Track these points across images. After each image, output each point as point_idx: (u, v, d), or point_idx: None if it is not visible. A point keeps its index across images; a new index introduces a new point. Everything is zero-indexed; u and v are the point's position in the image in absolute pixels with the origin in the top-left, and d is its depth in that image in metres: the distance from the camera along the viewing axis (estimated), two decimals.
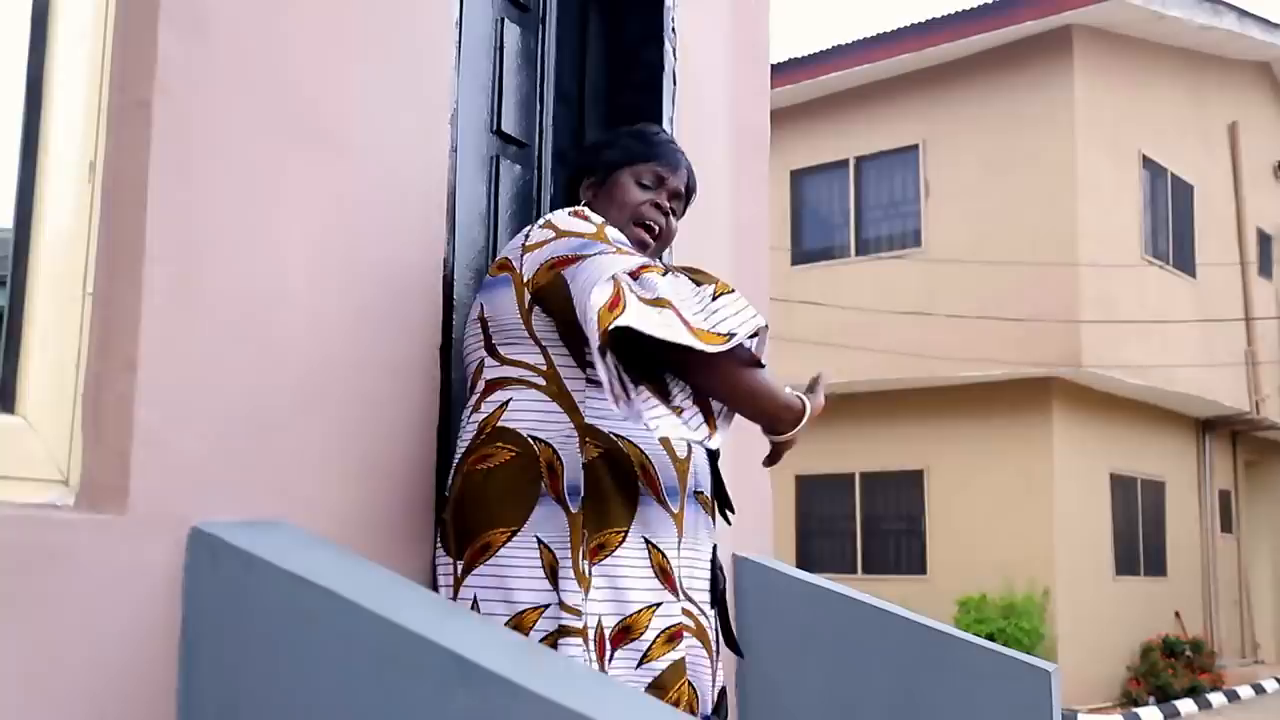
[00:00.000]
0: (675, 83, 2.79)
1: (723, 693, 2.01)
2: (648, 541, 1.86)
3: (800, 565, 11.72)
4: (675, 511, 1.89)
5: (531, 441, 1.84)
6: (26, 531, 1.37)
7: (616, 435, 1.85)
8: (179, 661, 1.51)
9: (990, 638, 9.96)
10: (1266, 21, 13.57)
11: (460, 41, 2.22)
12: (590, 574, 1.80)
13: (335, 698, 1.43)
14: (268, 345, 1.67)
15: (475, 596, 1.80)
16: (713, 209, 3.05)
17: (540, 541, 1.80)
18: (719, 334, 1.74)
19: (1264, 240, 14.98)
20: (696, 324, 1.73)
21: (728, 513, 2.10)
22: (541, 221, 1.95)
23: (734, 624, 2.06)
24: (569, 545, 1.79)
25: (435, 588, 1.87)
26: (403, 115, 1.98)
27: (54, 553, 1.39)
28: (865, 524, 12.65)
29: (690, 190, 2.21)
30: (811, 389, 1.93)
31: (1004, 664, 2.58)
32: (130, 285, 1.50)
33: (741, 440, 2.87)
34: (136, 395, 1.48)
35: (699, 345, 1.71)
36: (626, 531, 1.84)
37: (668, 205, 2.13)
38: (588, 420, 1.84)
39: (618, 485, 1.84)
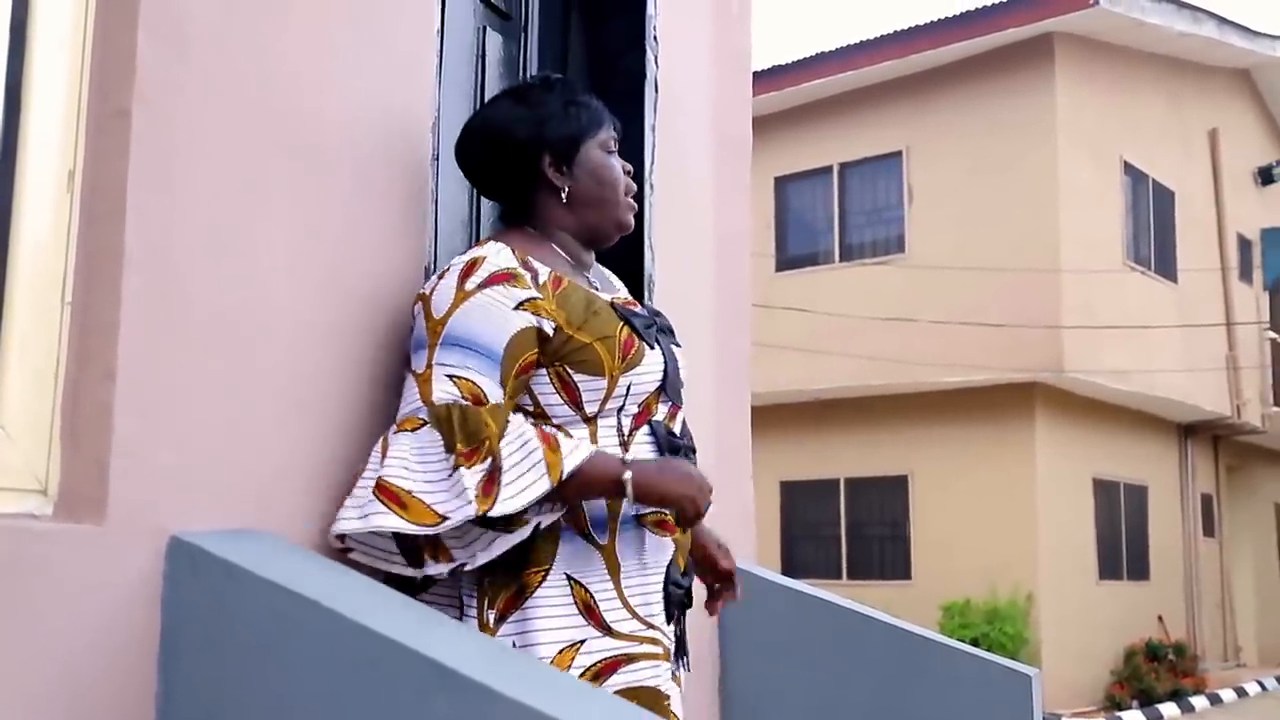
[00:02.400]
0: (657, 90, 2.79)
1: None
2: (569, 578, 1.78)
3: (785, 571, 11.75)
4: (602, 544, 1.81)
5: None
6: (4, 542, 1.36)
7: None
8: (158, 671, 1.50)
9: (974, 643, 10.00)
10: (1245, 29, 13.68)
11: (442, 49, 2.22)
12: (495, 626, 1.75)
13: (315, 705, 1.43)
14: (248, 354, 1.67)
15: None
16: (695, 217, 3.06)
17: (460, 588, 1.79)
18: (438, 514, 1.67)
19: (1244, 245, 15.08)
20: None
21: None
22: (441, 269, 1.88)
23: (686, 636, 1.99)
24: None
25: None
26: (384, 123, 1.98)
27: (32, 563, 1.38)
28: (850, 529, 12.68)
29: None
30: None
31: (985, 668, 2.59)
32: (109, 294, 1.50)
33: (725, 448, 2.88)
34: (115, 404, 1.47)
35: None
36: (548, 570, 1.77)
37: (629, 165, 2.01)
38: None
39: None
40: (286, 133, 1.77)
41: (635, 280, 2.57)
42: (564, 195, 1.95)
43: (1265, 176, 15.70)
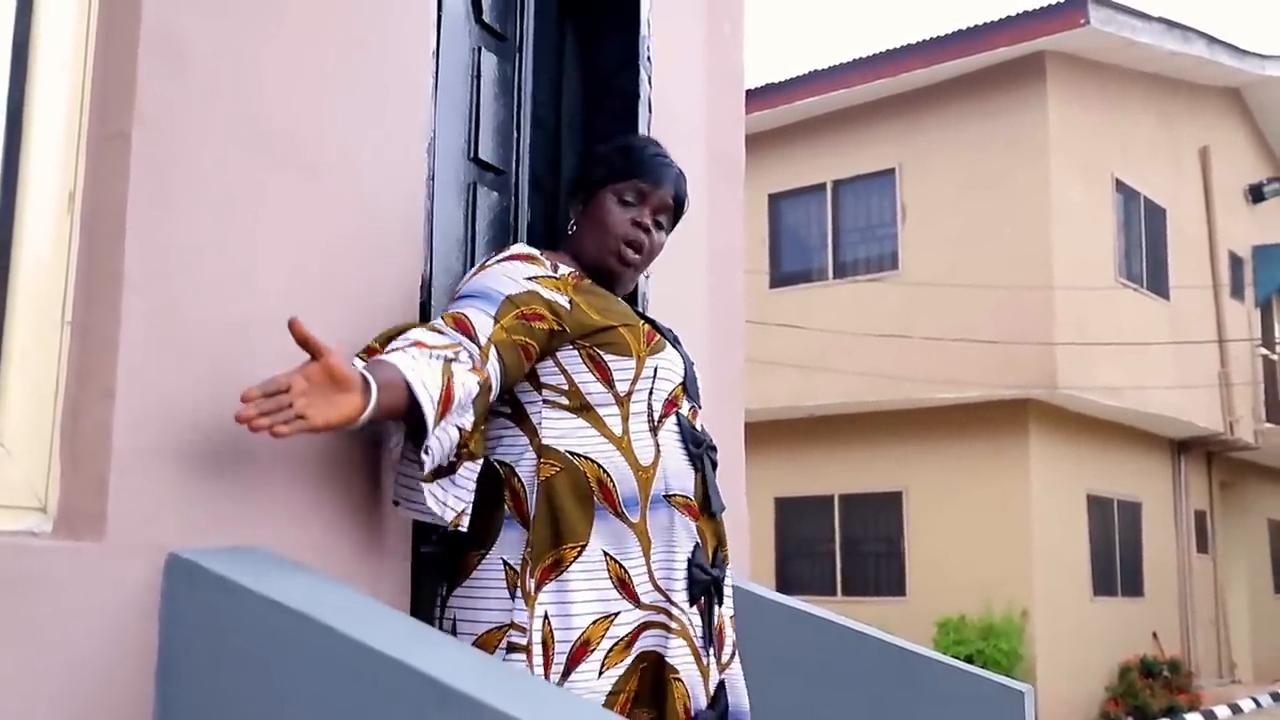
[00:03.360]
0: (651, 110, 2.82)
1: (720, 686, 2.03)
2: (606, 554, 1.90)
3: (780, 588, 11.75)
4: (634, 521, 1.92)
5: (497, 465, 1.93)
6: (4, 559, 1.38)
7: (572, 453, 1.92)
8: (156, 686, 1.51)
9: (969, 659, 9.99)
10: (1235, 48, 13.75)
11: (438, 71, 2.24)
12: (535, 593, 1.85)
13: None
14: (246, 372, 1.69)
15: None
16: (688, 235, 3.07)
17: (505, 562, 1.87)
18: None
19: (1236, 263, 15.14)
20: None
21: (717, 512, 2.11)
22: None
23: (720, 617, 2.05)
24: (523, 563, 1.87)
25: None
26: (381, 143, 2.00)
27: (31, 579, 1.39)
28: (845, 545, 12.68)
29: (679, 205, 2.19)
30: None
31: (978, 685, 2.60)
32: (109, 313, 1.51)
33: (719, 464, 2.89)
34: (114, 422, 1.49)
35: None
36: (584, 546, 1.89)
37: (648, 221, 2.12)
38: (544, 441, 1.92)
39: (575, 501, 1.89)
40: (284, 153, 1.79)
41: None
42: (570, 228, 2.17)
43: (1256, 194, 15.77)
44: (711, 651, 2.01)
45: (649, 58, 2.83)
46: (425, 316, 2.09)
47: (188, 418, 1.59)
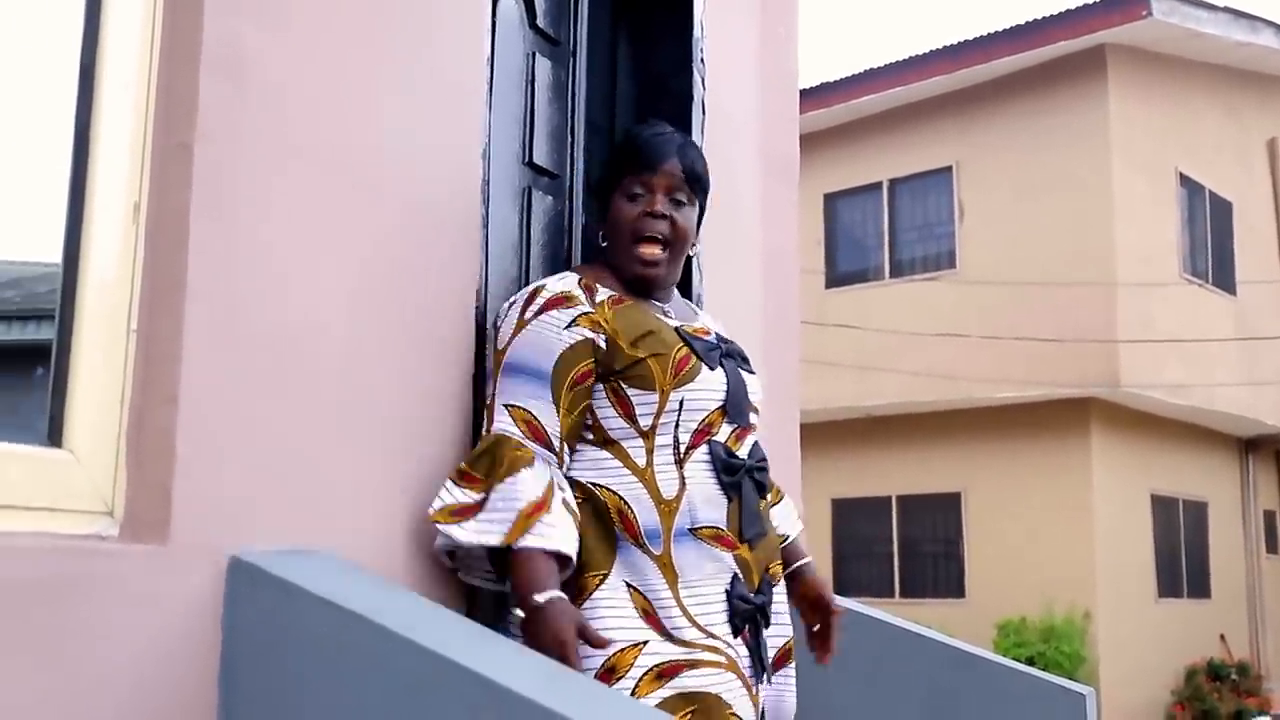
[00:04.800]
0: (704, 112, 2.82)
1: (763, 714, 2.00)
2: (628, 585, 1.87)
3: (838, 590, 11.56)
4: (657, 554, 1.88)
5: None
6: (73, 561, 1.42)
7: (594, 484, 1.92)
8: (218, 688, 1.54)
9: (1030, 661, 9.88)
10: None
11: (492, 77, 2.26)
12: None
13: None
14: (306, 377, 1.72)
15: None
16: (743, 235, 3.08)
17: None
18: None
19: None
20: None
21: (775, 530, 2.12)
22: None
23: (766, 653, 2.02)
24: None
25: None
26: (436, 150, 2.02)
27: (99, 582, 1.43)
28: (903, 547, 12.58)
29: (693, 174, 2.08)
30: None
31: (1038, 687, 2.58)
32: (172, 322, 1.55)
33: (774, 465, 2.89)
34: (178, 429, 1.52)
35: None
36: (606, 575, 1.87)
37: (662, 208, 2.04)
38: (570, 474, 1.92)
39: (596, 530, 1.88)
40: (341, 161, 1.82)
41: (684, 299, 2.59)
42: (600, 238, 2.13)
43: None
44: (764, 677, 1.99)
45: (702, 60, 2.83)
46: (480, 316, 2.10)
47: (249, 423, 1.62)
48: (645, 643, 1.84)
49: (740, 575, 1.95)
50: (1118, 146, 11.38)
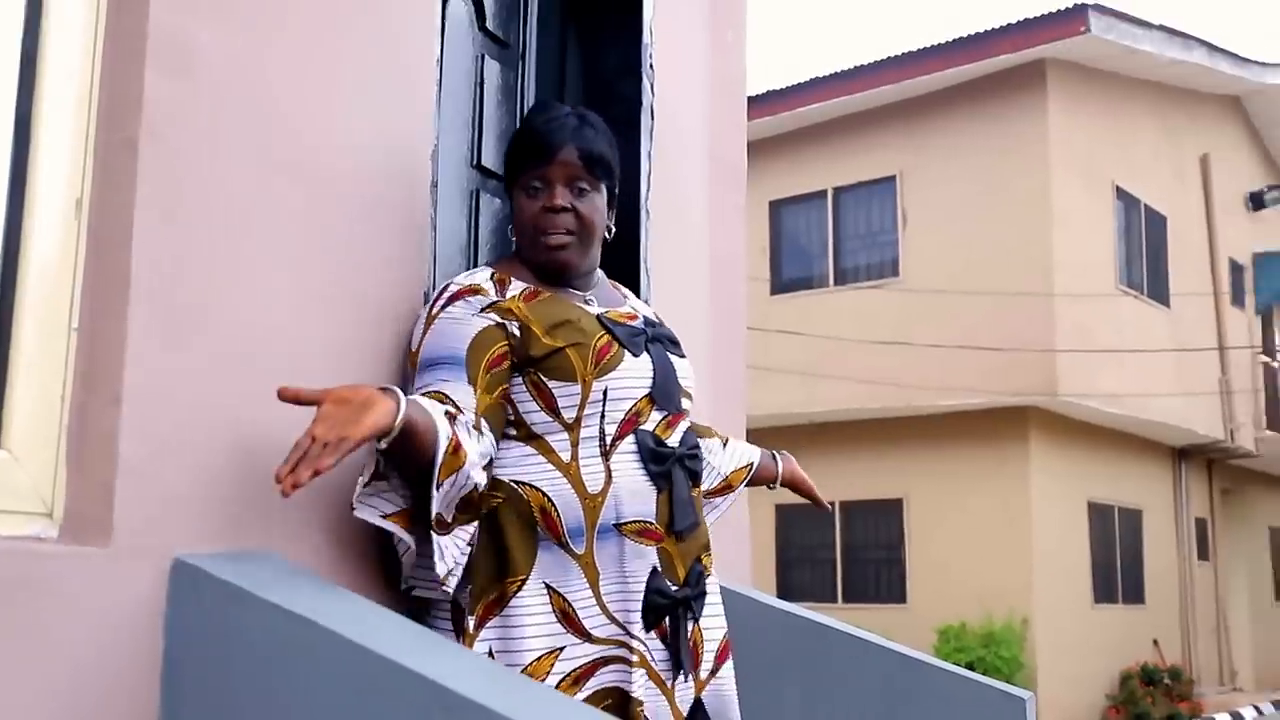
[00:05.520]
0: (653, 117, 2.83)
1: (697, 705, 1.97)
2: (548, 586, 1.83)
3: (781, 595, 11.73)
4: (579, 553, 1.85)
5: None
6: (10, 564, 1.38)
7: (517, 482, 1.86)
8: (161, 692, 1.52)
9: (970, 666, 9.99)
10: (1236, 56, 13.78)
11: (441, 78, 2.25)
12: (476, 631, 1.81)
13: None
14: (251, 378, 1.70)
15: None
16: (690, 241, 3.09)
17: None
18: None
19: (1236, 270, 15.16)
20: None
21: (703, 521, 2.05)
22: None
23: (694, 633, 1.97)
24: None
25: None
26: (385, 151, 2.01)
27: (38, 584, 1.40)
28: (845, 553, 12.68)
29: (591, 159, 1.98)
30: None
31: (979, 692, 2.61)
32: (115, 320, 1.52)
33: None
34: (121, 429, 1.49)
35: None
36: (525, 579, 1.82)
37: (562, 200, 1.96)
38: (492, 473, 1.85)
39: (517, 531, 1.84)
40: (290, 161, 1.80)
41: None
42: (510, 233, 2.08)
43: (1256, 201, 15.79)
44: (683, 672, 1.93)
45: (651, 65, 2.84)
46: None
47: (194, 424, 1.60)
48: (562, 649, 1.82)
49: (660, 568, 1.90)
50: (1057, 159, 11.57)
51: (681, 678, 1.94)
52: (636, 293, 2.69)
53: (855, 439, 12.40)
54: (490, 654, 1.79)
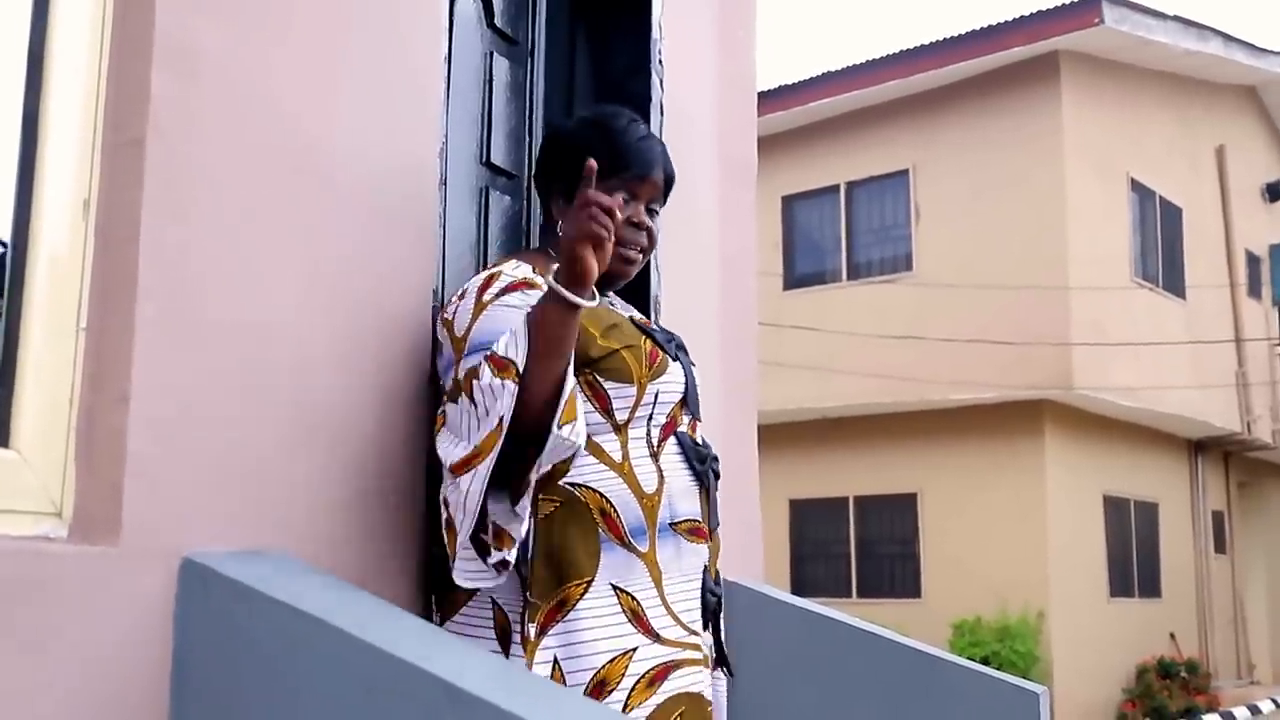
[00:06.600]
0: (663, 113, 2.82)
1: None
2: (615, 587, 1.80)
3: (795, 590, 11.73)
4: (644, 551, 1.83)
5: None
6: (20, 564, 1.39)
7: (571, 485, 1.82)
8: (170, 690, 1.52)
9: (985, 661, 9.97)
10: (1252, 46, 13.69)
11: (450, 76, 2.25)
12: (537, 638, 1.76)
13: None
14: (259, 377, 1.70)
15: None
16: (700, 237, 3.08)
17: (494, 603, 1.81)
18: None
19: (1252, 261, 15.07)
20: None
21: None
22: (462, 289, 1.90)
23: (725, 642, 2.02)
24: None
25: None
26: (393, 148, 2.01)
27: (47, 584, 1.40)
28: (860, 547, 12.66)
29: (670, 184, 2.04)
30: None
31: (992, 686, 2.60)
32: (123, 320, 1.52)
33: (732, 467, 2.90)
34: (129, 428, 1.50)
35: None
36: (591, 580, 1.79)
37: (645, 218, 1.98)
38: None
39: (577, 535, 1.80)
40: (297, 159, 1.80)
41: (641, 301, 2.59)
42: (558, 228, 1.97)
43: (1273, 193, 15.70)
44: (723, 670, 1.99)
45: (660, 61, 2.83)
46: (436, 316, 2.08)
47: (202, 423, 1.60)
48: (634, 649, 1.79)
49: (708, 568, 1.94)
50: (1071, 151, 11.52)
51: (726, 675, 1.98)
52: (647, 290, 2.69)
53: (869, 433, 12.37)
54: (555, 661, 1.75)
